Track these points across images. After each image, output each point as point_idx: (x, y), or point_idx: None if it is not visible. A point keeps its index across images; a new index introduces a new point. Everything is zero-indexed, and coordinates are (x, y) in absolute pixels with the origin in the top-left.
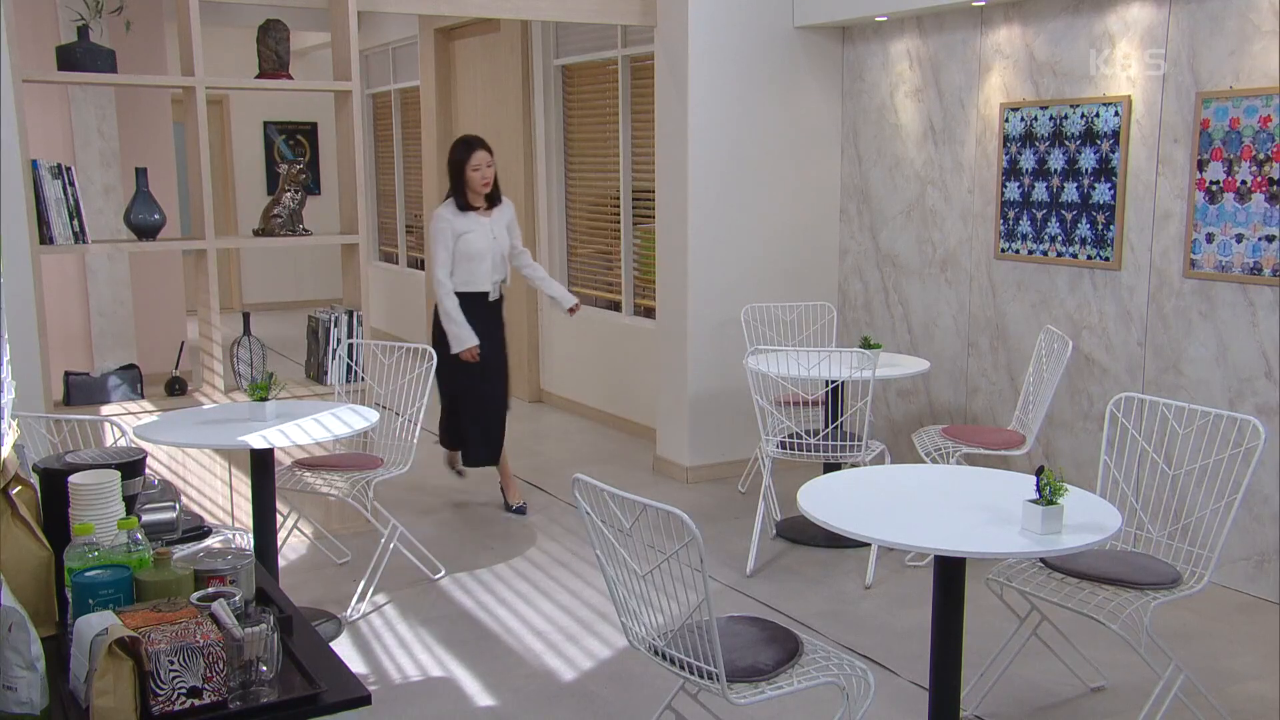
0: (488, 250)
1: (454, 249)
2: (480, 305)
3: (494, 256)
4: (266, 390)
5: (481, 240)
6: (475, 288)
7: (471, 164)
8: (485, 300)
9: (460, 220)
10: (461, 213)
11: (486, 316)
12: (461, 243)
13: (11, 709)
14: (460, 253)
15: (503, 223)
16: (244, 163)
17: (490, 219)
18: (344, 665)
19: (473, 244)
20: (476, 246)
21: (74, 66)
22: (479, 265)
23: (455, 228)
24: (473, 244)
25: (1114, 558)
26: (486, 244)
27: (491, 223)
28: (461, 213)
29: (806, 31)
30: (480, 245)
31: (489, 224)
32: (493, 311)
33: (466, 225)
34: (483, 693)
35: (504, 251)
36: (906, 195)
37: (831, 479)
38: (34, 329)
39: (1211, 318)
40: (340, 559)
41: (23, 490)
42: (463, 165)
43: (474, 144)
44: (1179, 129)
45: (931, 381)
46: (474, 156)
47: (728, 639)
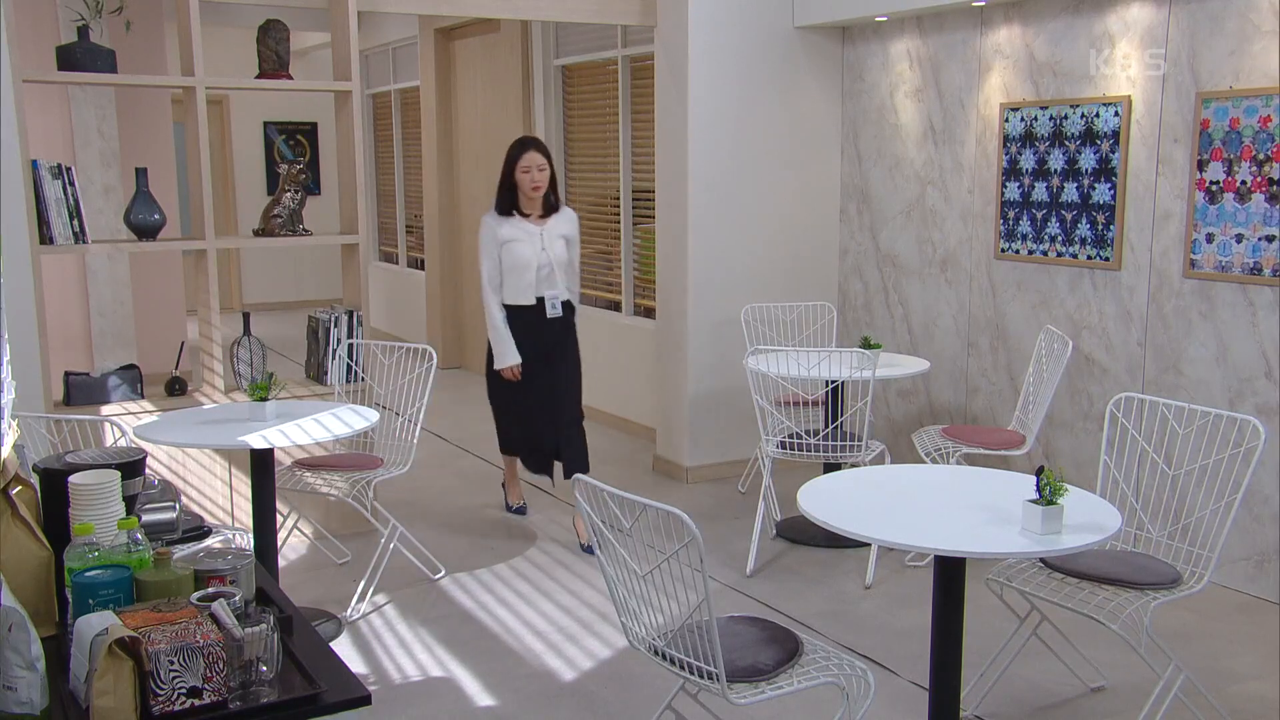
0: (533, 261)
1: (499, 257)
2: (530, 320)
3: (543, 269)
4: (266, 390)
5: (527, 250)
6: (520, 300)
7: (521, 164)
8: (534, 314)
9: (504, 226)
10: (505, 218)
11: (538, 332)
12: (505, 251)
13: (11, 709)
14: (504, 262)
15: (558, 233)
16: (244, 163)
17: (542, 228)
18: (344, 665)
19: (516, 253)
20: (521, 256)
21: (74, 66)
22: (522, 276)
23: (498, 234)
24: (516, 253)
25: (1114, 558)
26: (532, 254)
27: (544, 231)
28: (505, 218)
29: (806, 31)
30: (525, 255)
31: (540, 233)
32: (548, 328)
33: (511, 232)
34: (483, 693)
35: (559, 264)
36: (906, 195)
37: (831, 479)
38: (34, 329)
39: (1211, 318)
40: (340, 559)
41: (23, 490)
42: (513, 165)
43: (527, 143)
44: (1179, 129)
45: (931, 381)
46: (524, 156)
47: (728, 639)
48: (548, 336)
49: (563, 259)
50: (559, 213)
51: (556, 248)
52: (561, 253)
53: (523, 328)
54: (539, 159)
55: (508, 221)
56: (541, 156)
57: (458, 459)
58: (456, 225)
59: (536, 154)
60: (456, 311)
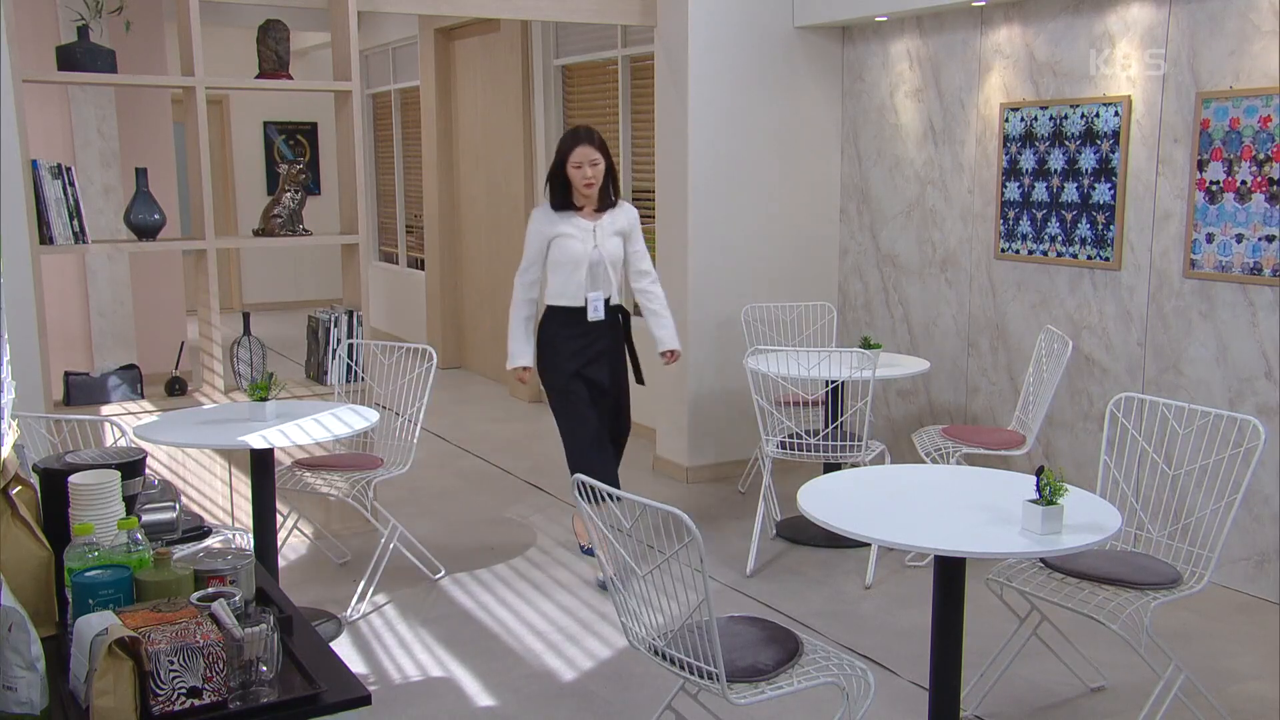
0: (584, 258)
1: (547, 254)
2: (578, 323)
3: (596, 267)
4: (266, 390)
5: (578, 246)
6: (567, 301)
7: (572, 159)
8: (579, 316)
9: (554, 222)
10: (556, 213)
11: (586, 337)
12: (554, 247)
13: (11, 709)
14: (552, 259)
15: (612, 229)
16: (244, 163)
17: (596, 223)
18: (344, 665)
19: (566, 249)
20: (571, 252)
21: (74, 66)
22: (572, 275)
23: (546, 230)
24: (566, 249)
25: (1114, 558)
26: (583, 251)
27: (597, 228)
28: (556, 213)
29: (806, 31)
30: (575, 251)
31: (593, 229)
32: (598, 333)
33: (562, 227)
34: (483, 693)
35: (613, 262)
36: (906, 195)
37: (831, 479)
38: (34, 329)
39: (1211, 318)
40: (340, 559)
41: (23, 490)
42: (563, 160)
43: (579, 136)
44: (1179, 129)
45: (931, 381)
46: (575, 152)
47: (728, 639)
48: (599, 343)
49: (616, 257)
50: (616, 208)
51: (610, 245)
52: (615, 250)
53: (571, 333)
54: (591, 153)
55: (559, 215)
56: (594, 150)
57: (458, 459)
58: (457, 225)
59: (589, 148)
60: (456, 312)
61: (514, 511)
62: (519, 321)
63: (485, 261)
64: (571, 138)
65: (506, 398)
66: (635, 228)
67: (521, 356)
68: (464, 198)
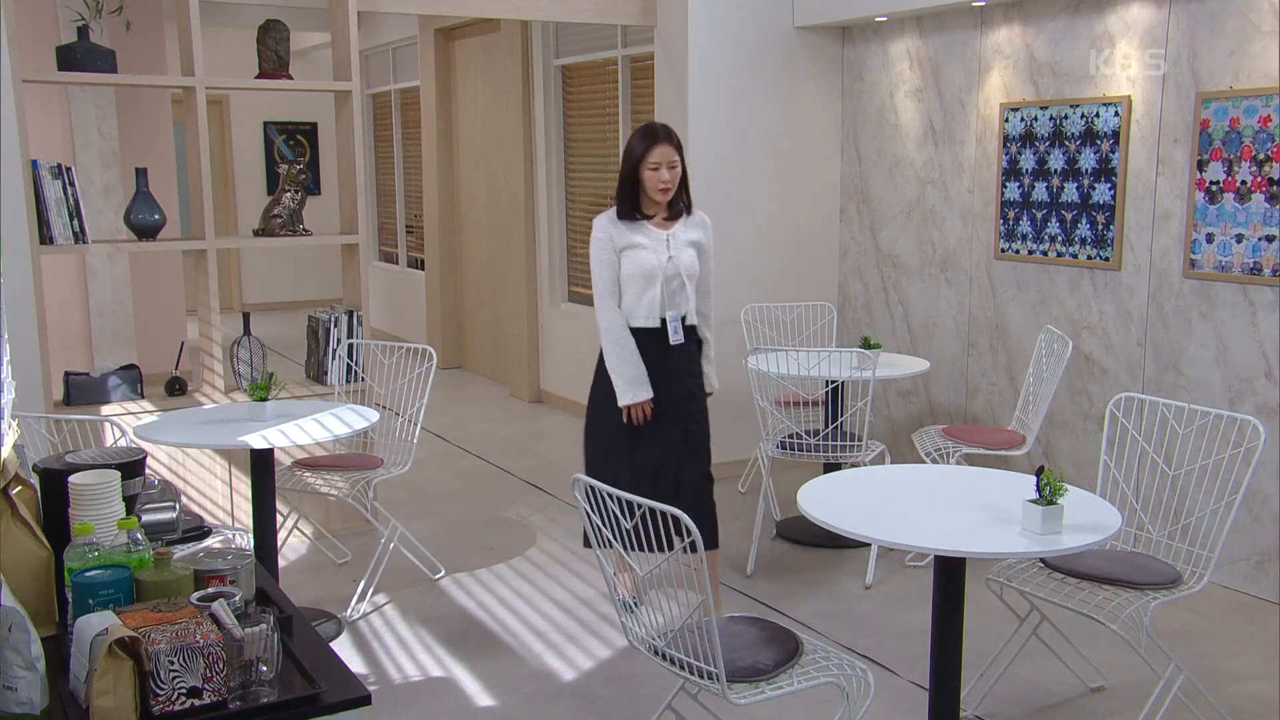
0: (658, 272)
1: (619, 267)
2: (656, 347)
3: (670, 283)
4: (266, 390)
5: (650, 258)
6: (640, 321)
7: (650, 160)
8: (658, 340)
9: (623, 231)
10: (624, 221)
11: (663, 364)
12: (625, 260)
13: (11, 709)
14: (622, 274)
15: (686, 240)
16: (244, 163)
17: (669, 233)
18: (344, 665)
19: (639, 261)
20: (644, 264)
21: (74, 66)
22: (645, 291)
23: (616, 240)
24: (639, 261)
25: (1114, 558)
26: (657, 264)
27: (670, 238)
28: (624, 221)
29: (806, 31)
30: (648, 264)
31: (665, 238)
32: (670, 357)
33: (631, 237)
34: (483, 693)
35: (690, 276)
36: (906, 195)
37: (831, 479)
38: (34, 329)
39: (1211, 318)
40: (340, 559)
41: (23, 490)
42: (638, 161)
43: (657, 133)
44: (1179, 129)
45: (931, 382)
46: (654, 151)
47: (728, 639)
48: (675, 369)
49: (693, 270)
50: (688, 218)
51: (685, 257)
52: (691, 263)
53: (647, 361)
54: (670, 154)
55: (628, 224)
56: (674, 150)
57: (458, 459)
58: (456, 225)
59: (668, 148)
60: (456, 312)
61: (514, 512)
62: (631, 348)
63: (485, 261)
64: (648, 135)
65: (506, 398)
66: (710, 241)
67: (644, 387)
68: (464, 198)
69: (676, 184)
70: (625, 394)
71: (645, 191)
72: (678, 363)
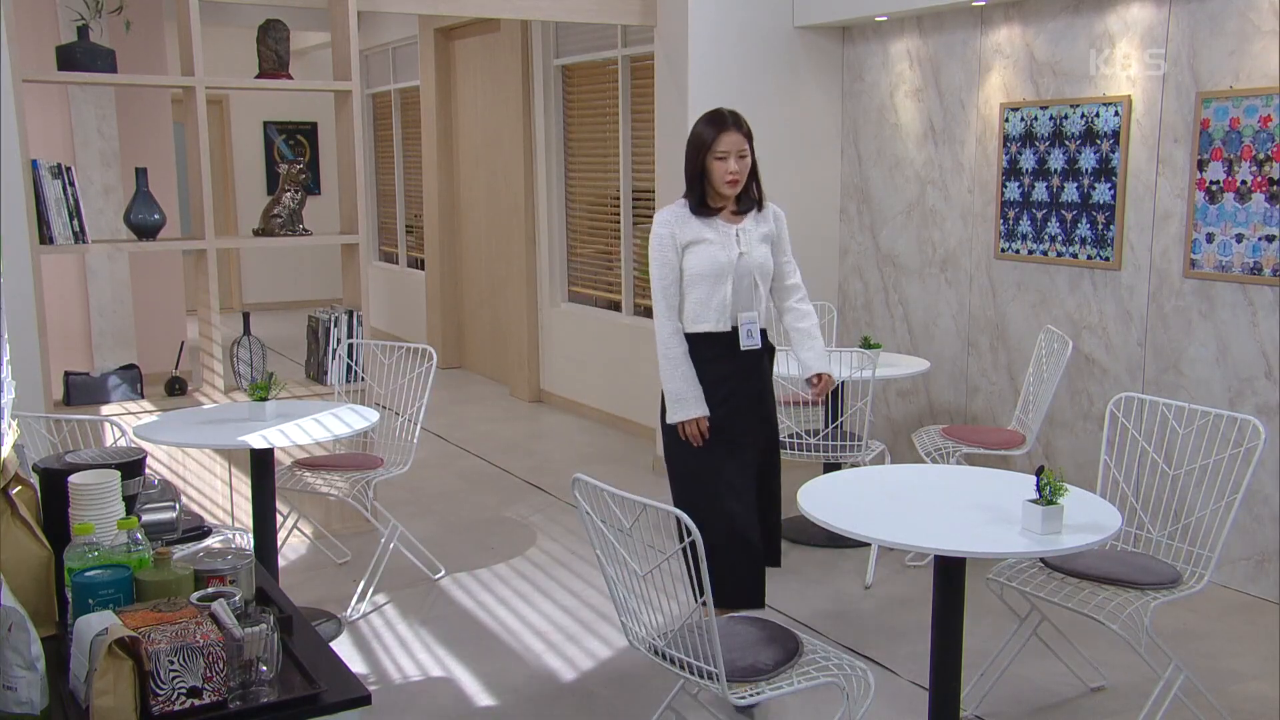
0: (728, 270)
1: (681, 267)
2: (726, 354)
3: (741, 281)
4: (266, 390)
5: (720, 254)
6: (709, 325)
7: (718, 147)
8: (724, 344)
9: (688, 226)
10: (687, 215)
11: (737, 376)
12: (690, 257)
13: (11, 709)
14: (687, 272)
15: (759, 235)
16: (244, 163)
17: (739, 227)
18: (344, 665)
19: (707, 258)
20: (713, 261)
21: (74, 66)
22: (714, 291)
23: (680, 235)
24: (707, 258)
25: (1114, 558)
26: (727, 260)
27: (741, 232)
28: (687, 215)
29: (806, 31)
30: (717, 261)
31: (734, 232)
32: (742, 365)
33: (698, 231)
34: (483, 693)
35: (763, 275)
36: (906, 195)
37: (831, 479)
38: (34, 329)
39: (1211, 317)
40: (340, 559)
41: (23, 490)
42: (704, 149)
43: (725, 120)
44: (1179, 129)
45: (931, 381)
46: (723, 138)
47: (727, 639)
48: (748, 379)
49: (766, 269)
50: (760, 211)
51: (759, 254)
52: (765, 260)
53: (712, 367)
54: (740, 142)
55: (692, 219)
56: (743, 139)
57: (458, 459)
58: (456, 225)
59: (737, 135)
60: (456, 311)
61: (514, 511)
62: (680, 361)
63: (485, 261)
64: (715, 121)
65: (506, 398)
66: (784, 233)
67: (698, 404)
68: (464, 198)
69: (746, 175)
70: (674, 411)
71: (712, 183)
72: (751, 370)
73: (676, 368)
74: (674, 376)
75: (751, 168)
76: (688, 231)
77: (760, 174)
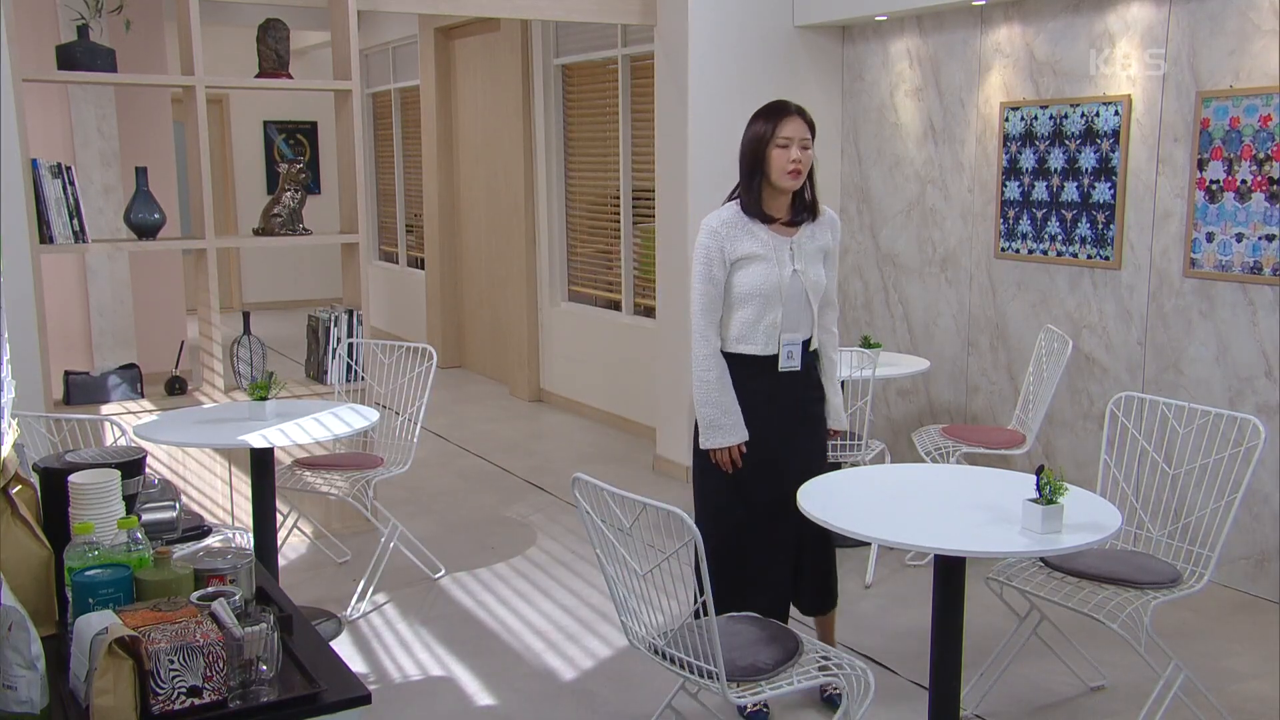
0: (776, 288)
1: (727, 282)
2: (755, 373)
3: (793, 302)
4: (266, 389)
5: (774, 273)
6: (753, 347)
7: (780, 135)
8: (764, 366)
9: (740, 239)
10: (744, 219)
11: (768, 392)
12: (740, 273)
13: (11, 708)
14: (735, 289)
15: (814, 249)
16: (244, 162)
17: (794, 239)
18: (344, 665)
19: (759, 278)
20: (764, 282)
21: (74, 66)
22: (764, 313)
23: (729, 250)
24: (759, 278)
25: (1114, 557)
26: (779, 281)
27: (795, 247)
28: (744, 219)
29: (806, 31)
30: (770, 281)
31: (790, 247)
32: (788, 389)
33: (748, 244)
34: (483, 692)
35: (815, 292)
36: (906, 194)
37: (831, 478)
38: (34, 328)
39: (1211, 317)
40: (340, 558)
41: (23, 489)
42: (765, 140)
43: (786, 107)
44: (1179, 128)
45: (931, 381)
46: (786, 124)
47: (727, 638)
48: (791, 403)
49: (820, 287)
50: (815, 221)
51: (814, 272)
52: (819, 279)
53: (752, 389)
54: (801, 128)
55: (742, 228)
56: (805, 125)
57: (457, 458)
58: (456, 225)
59: (801, 123)
60: (456, 311)
61: (514, 511)
62: (715, 386)
63: (485, 261)
64: (775, 109)
65: (506, 397)
66: (837, 244)
67: (736, 430)
68: (464, 197)
69: (808, 170)
70: (707, 437)
71: (771, 180)
72: (789, 389)
73: (711, 392)
74: (709, 402)
75: (811, 169)
76: (739, 245)
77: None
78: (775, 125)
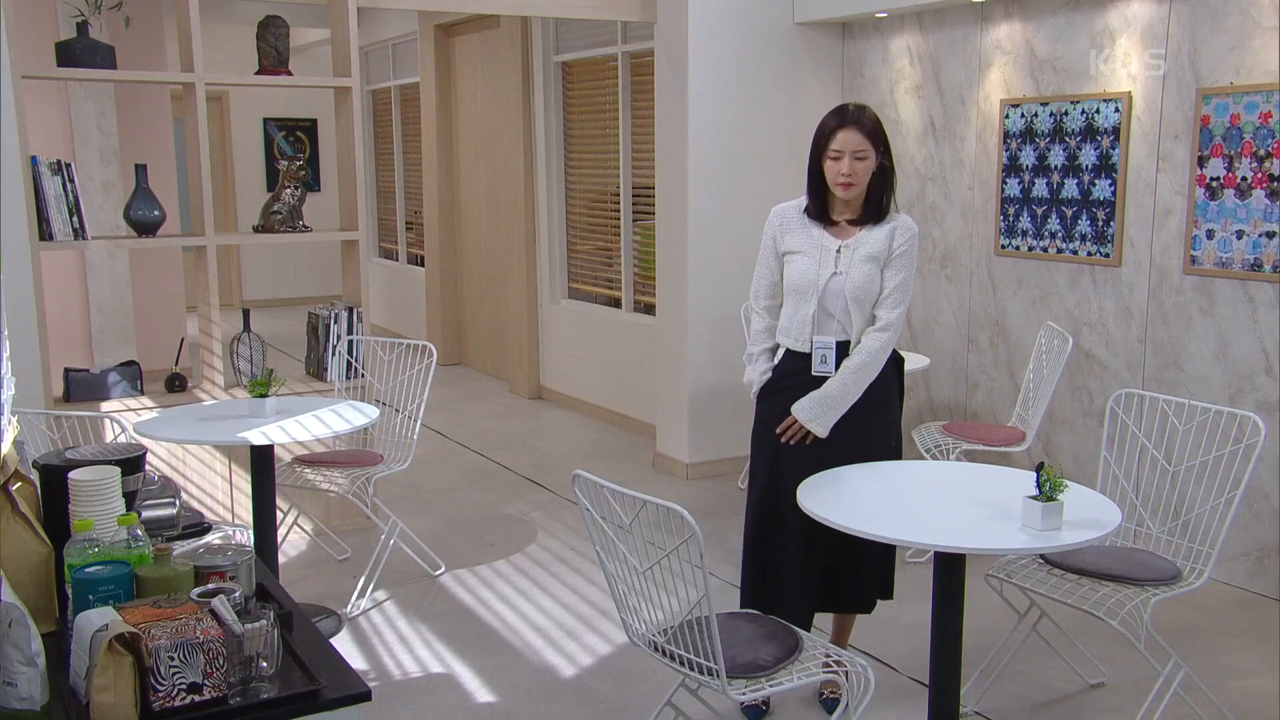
0: (813, 289)
1: (780, 270)
2: (799, 374)
3: (832, 303)
4: (266, 387)
5: (810, 270)
6: (791, 341)
7: (832, 147)
8: (803, 364)
9: (792, 233)
10: (802, 214)
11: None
12: (787, 266)
13: (12, 705)
14: (785, 282)
15: (866, 253)
16: (244, 159)
17: (844, 242)
18: (344, 661)
19: (796, 274)
20: (801, 278)
21: (73, 63)
22: (799, 308)
23: (779, 241)
24: (796, 274)
25: (1114, 554)
26: (815, 279)
27: (844, 248)
28: (802, 214)
29: (806, 27)
30: (806, 277)
31: (837, 249)
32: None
33: (797, 241)
34: (483, 689)
35: (858, 297)
36: (907, 191)
37: (831, 475)
38: (34, 325)
39: (1212, 314)
40: (340, 555)
41: (22, 486)
42: (820, 149)
43: (845, 117)
44: (1179, 125)
45: (931, 378)
46: (838, 135)
47: (727, 635)
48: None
49: (865, 291)
50: (880, 226)
51: (856, 274)
52: (865, 282)
53: (789, 385)
54: (858, 141)
55: (796, 221)
56: (863, 137)
57: (458, 455)
58: (456, 222)
59: (854, 133)
60: (456, 308)
61: (514, 508)
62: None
63: (485, 258)
64: (835, 117)
65: (506, 394)
66: (903, 254)
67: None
68: (464, 194)
69: (864, 180)
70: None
71: (828, 186)
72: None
73: (750, 360)
74: (747, 368)
75: (883, 174)
76: (789, 239)
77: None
78: (830, 136)
